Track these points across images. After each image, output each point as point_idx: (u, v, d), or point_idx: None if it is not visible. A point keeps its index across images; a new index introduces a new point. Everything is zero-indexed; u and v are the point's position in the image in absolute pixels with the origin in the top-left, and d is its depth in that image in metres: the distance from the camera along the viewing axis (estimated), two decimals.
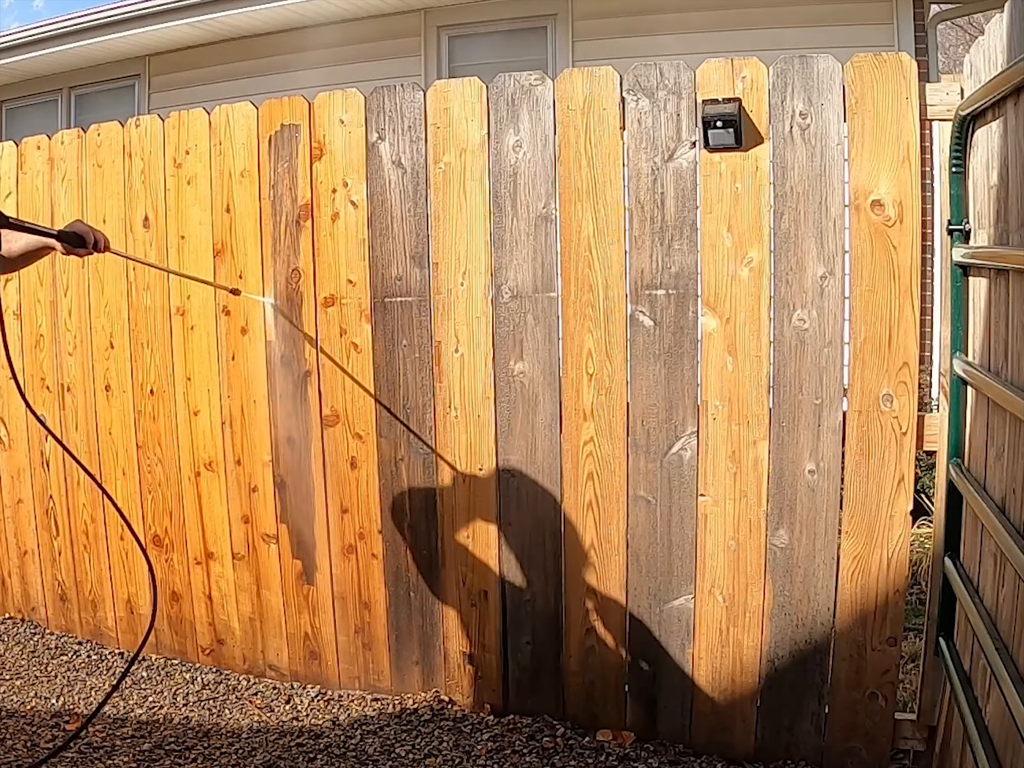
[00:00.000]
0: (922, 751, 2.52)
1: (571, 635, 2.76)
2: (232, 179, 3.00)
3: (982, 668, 2.00)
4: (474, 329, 2.76)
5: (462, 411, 2.79)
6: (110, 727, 2.90)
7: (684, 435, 2.58)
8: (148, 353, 3.21)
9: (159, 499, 3.27)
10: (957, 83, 2.32)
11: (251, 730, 2.87)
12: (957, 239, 2.27)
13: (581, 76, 2.60)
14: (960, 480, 2.21)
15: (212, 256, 3.05)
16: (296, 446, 3.01)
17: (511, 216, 2.69)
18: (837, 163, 2.40)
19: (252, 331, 3.03)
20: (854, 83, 2.37)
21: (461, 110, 2.72)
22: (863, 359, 2.41)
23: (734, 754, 2.62)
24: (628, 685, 2.73)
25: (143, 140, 3.13)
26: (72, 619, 3.56)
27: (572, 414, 2.68)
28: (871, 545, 2.45)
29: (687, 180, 2.52)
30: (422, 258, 2.81)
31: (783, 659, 2.56)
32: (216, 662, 3.28)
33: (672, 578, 2.63)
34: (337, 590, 3.03)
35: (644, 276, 2.57)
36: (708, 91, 2.46)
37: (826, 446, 2.46)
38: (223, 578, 3.21)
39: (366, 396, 2.91)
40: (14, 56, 7.20)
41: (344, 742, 2.77)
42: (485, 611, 2.85)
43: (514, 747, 2.69)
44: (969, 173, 2.23)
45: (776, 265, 2.46)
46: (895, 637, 2.47)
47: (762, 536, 2.53)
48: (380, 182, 2.82)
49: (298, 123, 2.90)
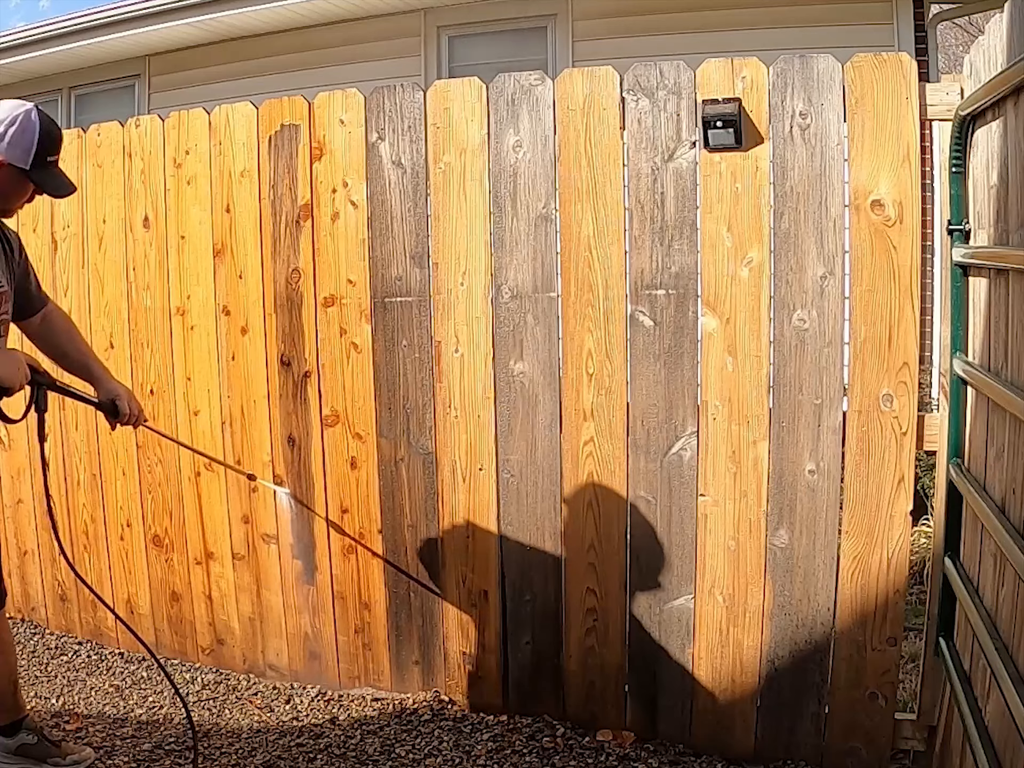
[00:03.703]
0: (922, 751, 2.52)
1: (571, 635, 2.76)
2: (232, 179, 3.00)
3: (982, 668, 2.00)
4: (474, 329, 2.76)
5: (462, 411, 2.79)
6: (110, 727, 2.90)
7: (684, 435, 2.58)
8: (148, 353, 3.21)
9: (159, 499, 3.27)
10: (957, 83, 2.32)
11: (251, 730, 2.87)
12: (957, 239, 2.27)
13: (581, 76, 2.60)
14: (960, 480, 2.21)
15: (212, 256, 3.05)
16: (296, 446, 3.01)
17: (511, 216, 2.69)
18: (837, 163, 2.40)
19: (252, 331, 3.03)
20: (854, 83, 2.37)
21: (461, 110, 2.72)
22: (863, 359, 2.41)
23: (734, 754, 2.62)
24: (628, 685, 2.73)
25: (143, 140, 3.13)
26: (72, 619, 3.56)
27: (572, 414, 2.68)
28: (871, 545, 2.45)
29: (687, 180, 2.52)
30: (422, 258, 2.81)
31: (783, 659, 2.55)
32: (216, 662, 3.28)
33: (672, 578, 2.63)
34: (337, 590, 3.03)
35: (644, 276, 2.57)
36: (708, 91, 2.46)
37: (826, 446, 2.46)
38: (223, 578, 3.21)
39: (366, 396, 2.91)
40: (14, 56, 7.20)
41: (344, 742, 2.77)
42: (485, 611, 2.85)
43: (514, 747, 2.69)
44: (969, 173, 2.23)
45: (776, 265, 2.46)
46: (895, 637, 2.47)
47: (762, 536, 2.53)
48: (380, 182, 2.82)
49: (298, 123, 2.90)
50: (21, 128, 2.18)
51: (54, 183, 2.27)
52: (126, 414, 2.45)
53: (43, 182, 2.24)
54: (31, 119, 2.20)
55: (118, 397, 2.46)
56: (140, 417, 2.51)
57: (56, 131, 2.27)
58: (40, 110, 2.24)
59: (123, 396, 2.47)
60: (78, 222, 3.27)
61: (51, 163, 2.25)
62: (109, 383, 2.50)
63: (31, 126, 2.19)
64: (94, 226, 3.25)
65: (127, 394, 2.49)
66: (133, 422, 2.50)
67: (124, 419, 2.46)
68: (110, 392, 2.47)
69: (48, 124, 2.23)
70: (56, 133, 2.27)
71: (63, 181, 2.30)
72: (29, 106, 2.23)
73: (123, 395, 2.47)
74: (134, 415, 2.48)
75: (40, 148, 2.20)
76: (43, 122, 2.22)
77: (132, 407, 2.47)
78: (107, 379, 2.52)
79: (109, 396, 2.47)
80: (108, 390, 2.48)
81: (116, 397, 2.46)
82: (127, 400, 2.47)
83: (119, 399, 2.46)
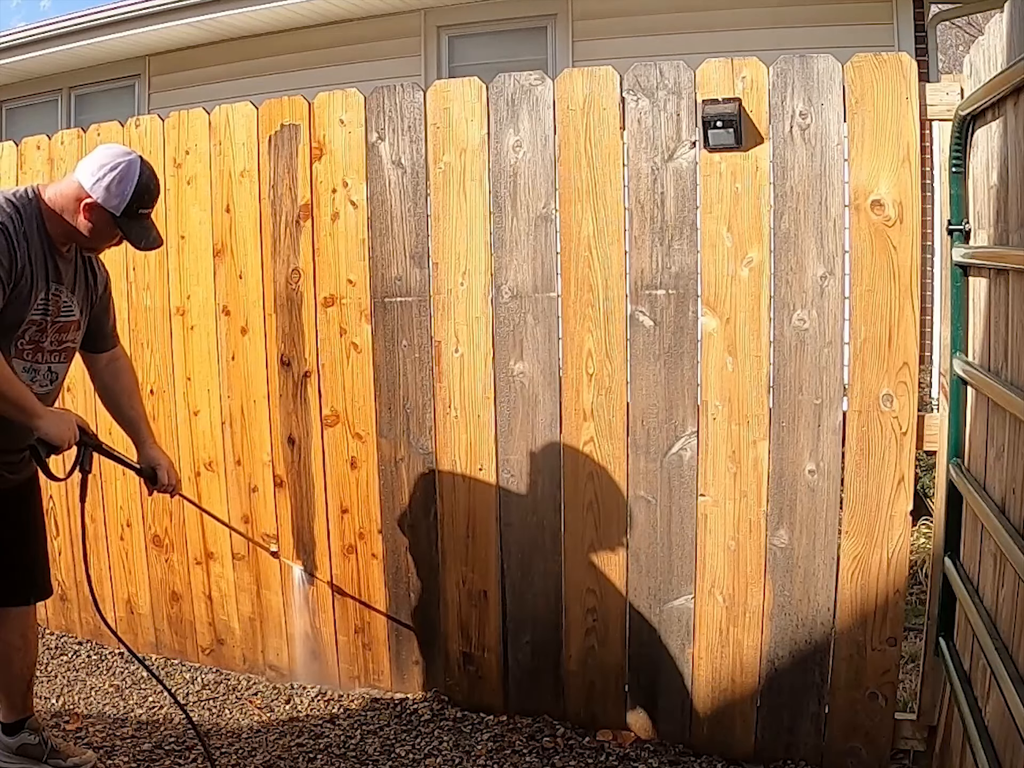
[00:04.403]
0: (922, 751, 2.52)
1: (571, 635, 2.76)
2: (232, 179, 3.00)
3: (982, 668, 2.00)
4: (474, 329, 2.75)
5: (462, 411, 2.79)
6: (110, 727, 2.90)
7: (684, 435, 2.58)
8: (148, 353, 3.21)
9: (159, 499, 3.25)
10: (957, 83, 2.32)
11: (251, 730, 2.87)
12: (957, 239, 2.27)
13: (581, 76, 2.60)
14: (960, 480, 2.21)
15: (212, 256, 3.06)
16: (296, 446, 3.01)
17: (511, 216, 2.69)
18: (837, 163, 2.40)
19: (252, 331, 3.03)
20: (854, 83, 2.36)
21: (461, 110, 2.72)
22: (863, 359, 2.41)
23: (734, 754, 2.62)
24: (628, 685, 2.73)
25: (143, 140, 3.13)
26: (72, 619, 3.56)
27: (572, 414, 2.68)
28: (871, 545, 2.45)
29: (687, 180, 2.52)
30: (422, 258, 2.81)
31: (783, 659, 2.55)
32: (216, 662, 3.28)
33: (672, 578, 2.63)
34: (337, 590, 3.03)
35: (644, 276, 2.57)
36: (708, 91, 2.46)
37: (826, 446, 2.46)
38: (223, 578, 3.21)
39: (366, 396, 2.91)
40: (14, 56, 7.19)
41: (344, 742, 2.77)
42: (485, 611, 2.85)
43: (514, 747, 2.69)
44: (969, 173, 2.23)
45: (776, 265, 2.46)
46: (895, 637, 2.47)
47: (762, 536, 2.53)
48: (380, 182, 2.82)
49: (298, 123, 2.90)
50: (120, 176, 2.22)
51: (141, 234, 2.30)
52: (164, 484, 2.57)
53: (130, 231, 2.28)
54: (132, 168, 2.24)
55: (159, 466, 2.56)
56: (177, 488, 2.63)
57: (155, 186, 2.31)
58: (143, 161, 2.28)
59: (164, 466, 2.58)
60: None
61: (142, 215, 2.29)
62: (152, 449, 2.60)
63: (131, 175, 2.23)
64: None
65: (168, 464, 2.60)
66: (170, 491, 2.61)
67: (161, 488, 2.58)
68: (152, 459, 2.57)
69: (148, 177, 2.27)
70: (154, 188, 2.31)
71: (151, 235, 2.33)
72: (133, 156, 2.28)
73: (164, 464, 2.58)
74: (171, 485, 2.59)
75: (134, 198, 2.24)
76: (143, 174, 2.26)
77: (171, 477, 2.59)
78: (151, 445, 2.61)
79: (150, 463, 2.57)
80: (151, 457, 2.58)
81: (157, 466, 2.56)
82: (167, 470, 2.58)
83: (160, 468, 2.56)
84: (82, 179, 2.25)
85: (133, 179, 2.24)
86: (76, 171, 2.28)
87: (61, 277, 2.34)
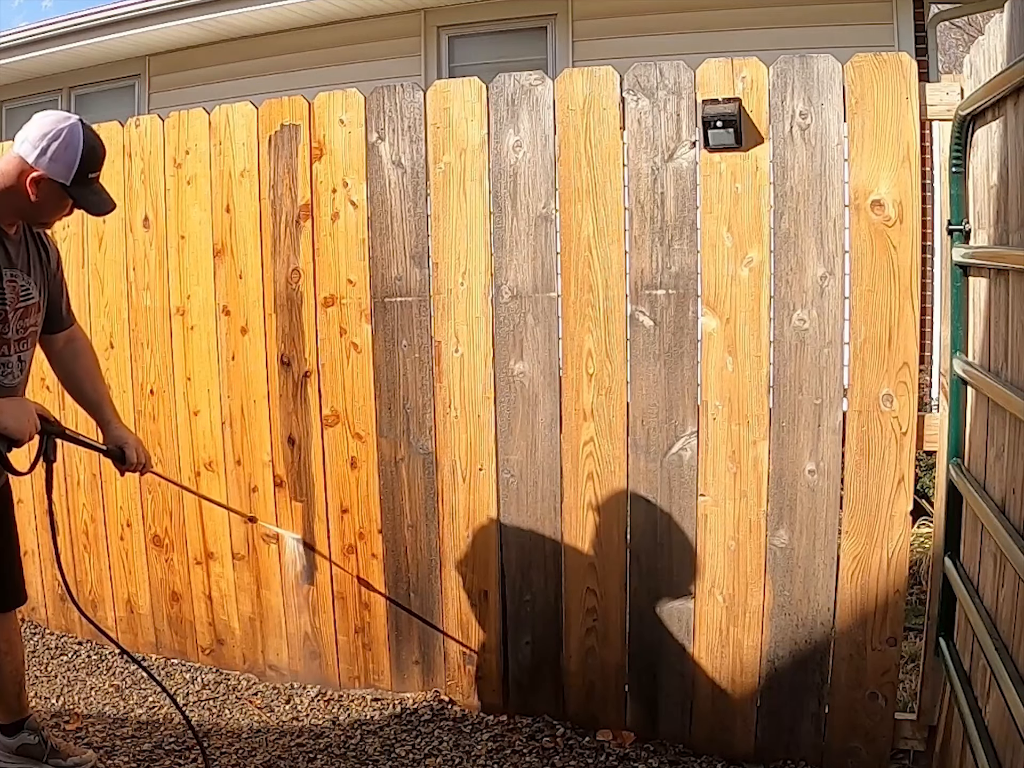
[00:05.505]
0: (922, 751, 2.52)
1: (571, 635, 2.76)
2: (232, 179, 3.00)
3: (982, 668, 2.00)
4: (474, 329, 2.76)
5: (462, 411, 2.79)
6: (110, 727, 2.90)
7: (684, 435, 2.58)
8: (148, 353, 3.21)
9: (159, 499, 3.27)
10: (957, 83, 2.32)
11: (251, 730, 2.87)
12: (957, 239, 2.27)
13: (581, 76, 2.60)
14: (960, 480, 2.21)
15: (212, 256, 3.06)
16: (296, 446, 3.01)
17: (511, 216, 2.69)
18: (837, 163, 2.40)
19: (252, 331, 3.03)
20: (854, 83, 2.37)
21: (461, 110, 2.72)
22: (863, 359, 2.41)
23: (734, 754, 2.62)
24: (628, 685, 2.73)
25: (143, 140, 3.13)
26: (72, 619, 3.56)
27: (572, 414, 2.68)
28: (871, 545, 2.45)
29: (687, 180, 2.52)
30: (422, 258, 2.81)
31: (783, 659, 2.56)
32: (216, 662, 3.28)
33: (672, 578, 2.63)
34: (337, 590, 3.03)
35: (644, 276, 2.57)
36: (708, 91, 2.46)
37: (826, 446, 2.46)
38: (223, 578, 3.21)
39: (366, 396, 2.91)
40: (14, 56, 7.20)
41: (344, 742, 2.77)
42: (485, 611, 2.85)
43: (514, 747, 2.69)
44: (969, 173, 2.23)
45: (776, 265, 2.46)
46: (895, 637, 2.47)
47: (762, 536, 2.53)
48: (380, 182, 2.82)
49: (298, 123, 2.90)
50: (64, 143, 2.11)
51: (93, 200, 2.22)
52: (133, 462, 2.47)
53: (82, 198, 2.19)
54: (75, 134, 2.13)
55: (126, 444, 2.47)
56: (147, 465, 2.54)
57: (100, 147, 2.21)
58: (84, 124, 2.18)
59: (131, 444, 2.48)
60: (78, 221, 3.26)
61: (92, 179, 2.19)
62: (119, 429, 2.51)
63: (75, 141, 2.12)
64: (94, 226, 3.24)
65: (135, 442, 2.50)
66: (140, 469, 2.52)
67: (132, 467, 2.48)
68: (119, 439, 2.48)
69: (92, 140, 2.17)
70: (100, 149, 2.21)
71: (103, 198, 2.24)
72: (73, 119, 2.17)
73: (131, 443, 2.49)
74: (141, 463, 2.49)
75: (82, 164, 2.14)
76: (87, 137, 2.14)
77: (140, 455, 2.49)
78: (117, 425, 2.52)
79: (117, 443, 2.47)
80: (117, 437, 2.48)
81: (124, 444, 2.47)
82: (135, 448, 2.48)
83: (127, 447, 2.47)
84: (23, 153, 2.12)
85: (78, 145, 2.11)
86: (15, 145, 2.14)
87: (13, 261, 2.24)
